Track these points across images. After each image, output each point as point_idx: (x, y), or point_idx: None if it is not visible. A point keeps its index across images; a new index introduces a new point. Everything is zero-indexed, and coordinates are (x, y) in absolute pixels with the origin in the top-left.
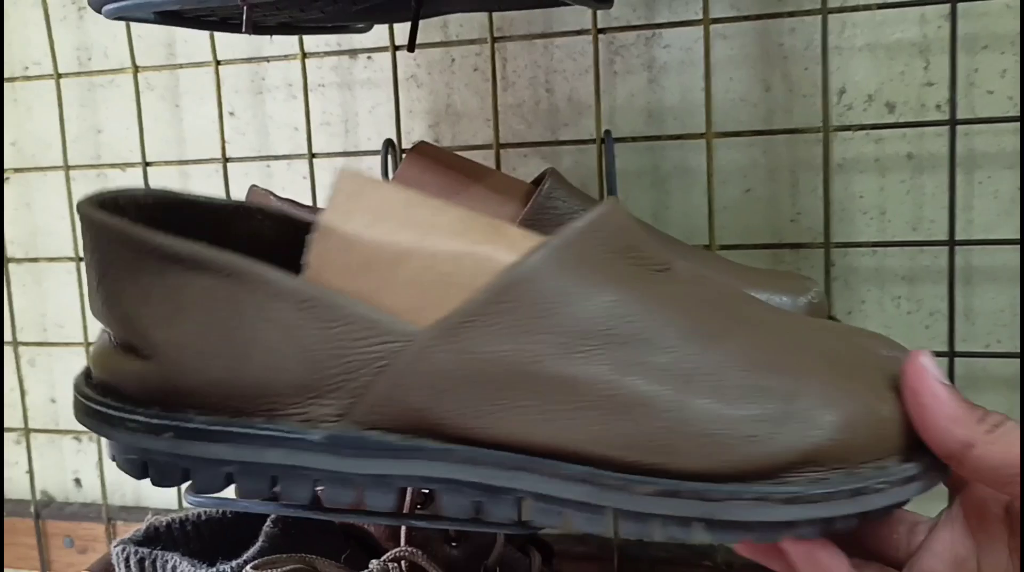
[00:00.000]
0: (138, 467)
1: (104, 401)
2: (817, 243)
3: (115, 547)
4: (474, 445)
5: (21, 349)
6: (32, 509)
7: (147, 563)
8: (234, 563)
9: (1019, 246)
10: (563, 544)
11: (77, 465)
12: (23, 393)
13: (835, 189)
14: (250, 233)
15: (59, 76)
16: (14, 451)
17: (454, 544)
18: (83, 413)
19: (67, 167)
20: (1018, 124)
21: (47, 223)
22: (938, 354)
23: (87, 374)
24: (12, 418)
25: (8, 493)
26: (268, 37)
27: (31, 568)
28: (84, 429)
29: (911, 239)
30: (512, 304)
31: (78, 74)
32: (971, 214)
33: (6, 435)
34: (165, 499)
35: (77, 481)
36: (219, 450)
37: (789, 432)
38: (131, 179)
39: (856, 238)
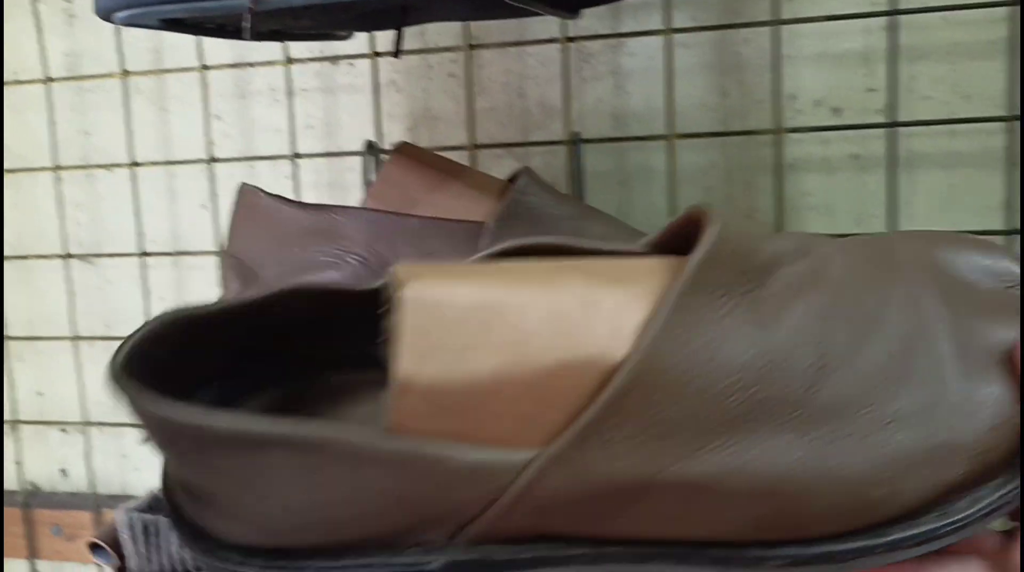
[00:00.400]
0: None
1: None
2: None
3: (119, 514)
4: (598, 545)
5: (10, 344)
6: (20, 499)
7: (151, 528)
8: None
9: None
10: None
11: (63, 456)
12: (12, 386)
13: (787, 187)
14: (284, 321)
15: (49, 80)
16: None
17: None
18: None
19: (56, 168)
20: (951, 127)
21: (35, 223)
22: None
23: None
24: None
25: None
26: (258, 43)
27: (19, 556)
28: (71, 421)
29: (855, 232)
30: (627, 412)
31: (68, 79)
32: (910, 210)
33: None
34: (151, 486)
35: (63, 471)
36: None
37: (912, 480)
38: (119, 179)
39: (806, 232)
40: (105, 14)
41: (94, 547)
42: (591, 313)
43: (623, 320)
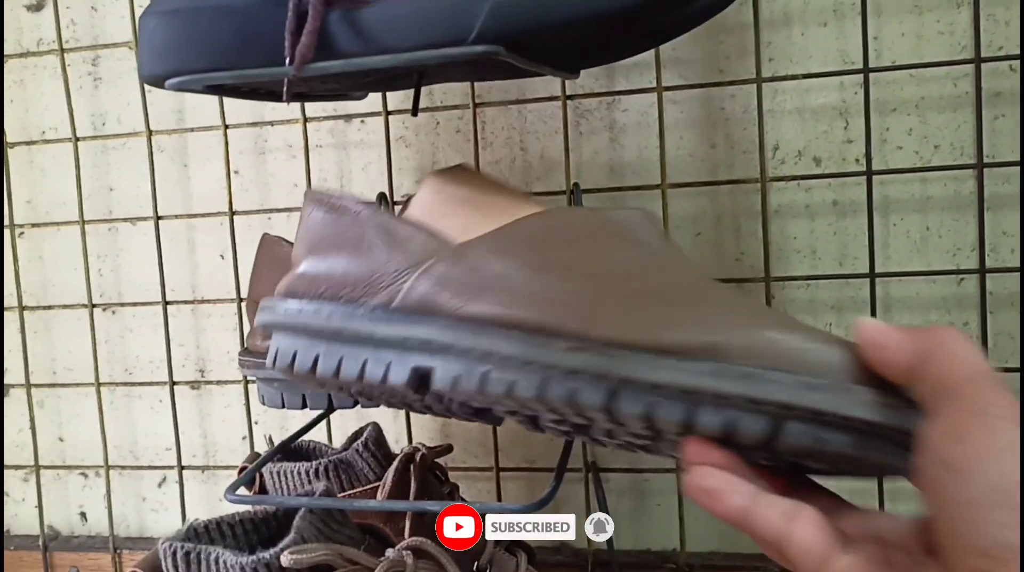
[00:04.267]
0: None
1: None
2: (758, 278)
3: (161, 544)
4: (459, 319)
5: (32, 391)
6: (40, 543)
7: (192, 556)
8: (272, 551)
9: (932, 278)
10: (542, 554)
11: (83, 500)
12: (33, 432)
13: (772, 232)
14: None
15: (77, 139)
16: (22, 488)
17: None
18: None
19: (83, 222)
20: (923, 174)
21: (59, 274)
22: None
23: None
24: (21, 457)
25: (16, 529)
26: (276, 103)
27: None
28: (91, 464)
29: (838, 273)
30: (521, 235)
31: (94, 138)
32: (888, 251)
33: (14, 473)
34: (169, 527)
35: (83, 515)
36: (303, 321)
37: (694, 330)
38: (141, 232)
39: (792, 273)
40: (153, 80)
41: None
42: (529, 202)
43: (534, 209)
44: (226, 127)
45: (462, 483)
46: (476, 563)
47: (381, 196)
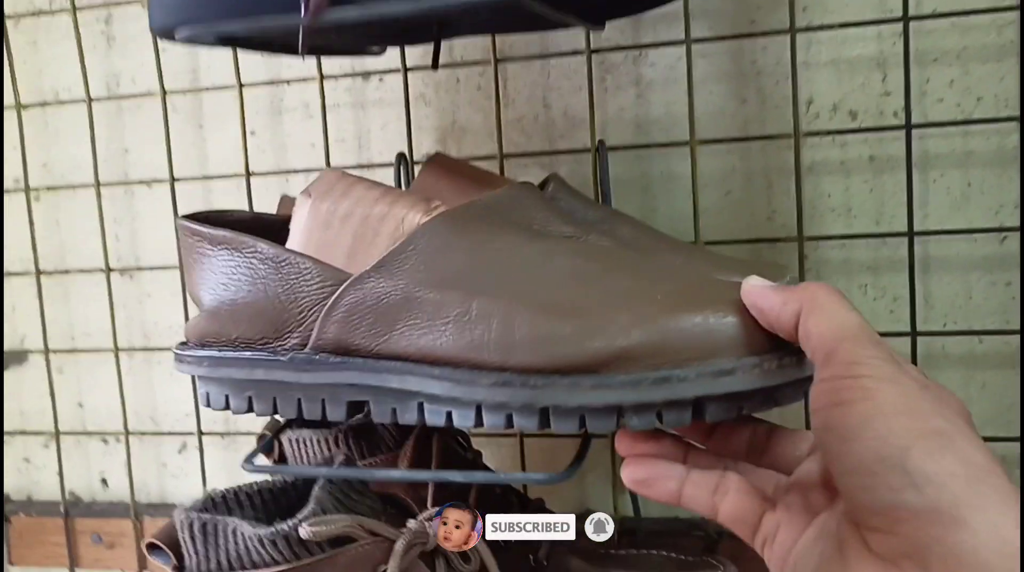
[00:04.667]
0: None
1: (177, 351)
2: (791, 238)
3: (178, 515)
4: (380, 358)
5: (51, 357)
6: (61, 508)
7: (209, 527)
8: (290, 522)
9: (973, 236)
10: None
11: (104, 466)
12: (53, 398)
13: (806, 190)
14: None
15: (91, 101)
16: (43, 454)
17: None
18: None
19: (98, 185)
20: (965, 127)
21: (75, 238)
22: (901, 335)
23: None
24: (42, 423)
25: (37, 495)
26: (292, 61)
27: (60, 565)
28: (111, 431)
29: (875, 232)
30: (411, 252)
31: (108, 99)
32: (926, 209)
33: (35, 439)
34: (189, 494)
35: (104, 481)
36: (228, 371)
37: (604, 335)
38: (156, 195)
39: (826, 233)
40: (163, 31)
41: (152, 547)
42: (421, 201)
43: (434, 212)
44: (241, 86)
45: (484, 449)
46: None
47: (400, 156)
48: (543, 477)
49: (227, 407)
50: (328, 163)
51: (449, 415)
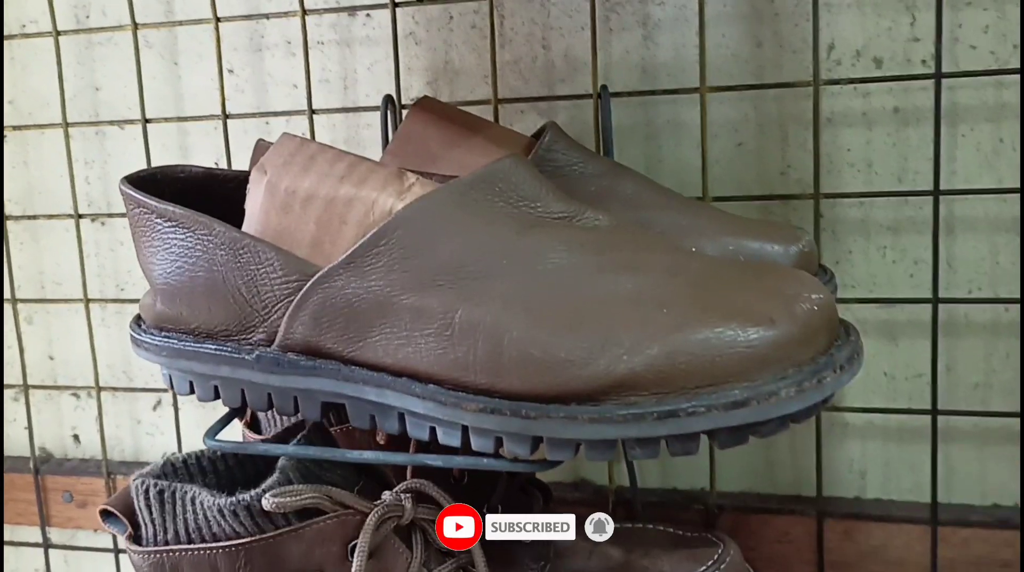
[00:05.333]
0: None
1: (134, 328)
2: (807, 195)
3: (134, 480)
4: (354, 365)
5: (19, 306)
6: (31, 465)
7: (166, 495)
8: (253, 492)
9: (1003, 196)
10: (560, 491)
11: (75, 421)
12: (21, 350)
13: (824, 142)
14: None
15: (58, 34)
16: (12, 408)
17: (455, 481)
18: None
19: (66, 125)
20: (999, 78)
21: (45, 181)
22: (921, 301)
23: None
24: (10, 375)
25: (7, 450)
26: None
27: (31, 523)
28: (83, 385)
29: (897, 190)
30: (385, 246)
31: (76, 31)
32: (954, 166)
33: (5, 392)
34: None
35: (75, 437)
36: (189, 365)
37: (604, 359)
38: (130, 136)
39: (844, 190)
40: None
41: (106, 514)
42: (397, 178)
43: (413, 192)
44: (217, 20)
45: None
46: (486, 504)
47: (387, 99)
48: (533, 465)
49: (191, 392)
50: (310, 105)
51: (433, 430)
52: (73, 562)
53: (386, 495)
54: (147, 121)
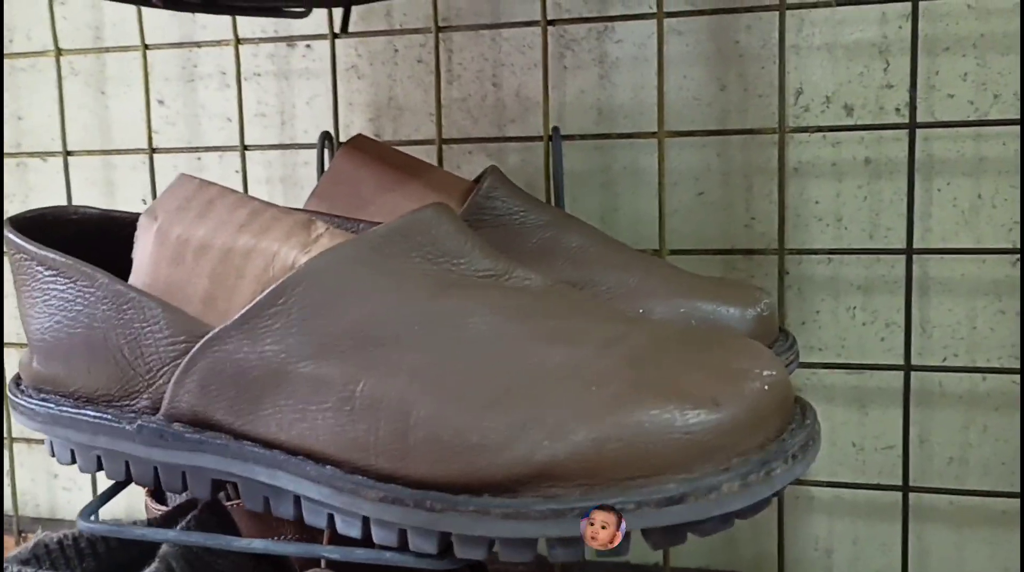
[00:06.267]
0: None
1: (12, 389)
2: (771, 250)
3: (5, 565)
4: (246, 440)
5: None
6: None
7: None
8: None
9: (982, 257)
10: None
11: None
12: None
13: (790, 194)
14: None
15: None
16: None
17: None
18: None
19: None
20: (978, 130)
21: None
22: (893, 368)
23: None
24: None
25: None
26: (208, 19)
27: None
28: None
29: (868, 247)
30: (283, 306)
31: None
32: (929, 222)
33: None
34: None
35: None
36: (66, 433)
37: (523, 443)
38: (54, 169)
39: (811, 245)
40: None
41: None
42: (303, 228)
43: (320, 245)
44: (146, 47)
45: None
46: None
47: (324, 135)
48: (442, 562)
49: (73, 461)
50: (243, 140)
51: (331, 518)
52: None
53: None
54: (68, 153)
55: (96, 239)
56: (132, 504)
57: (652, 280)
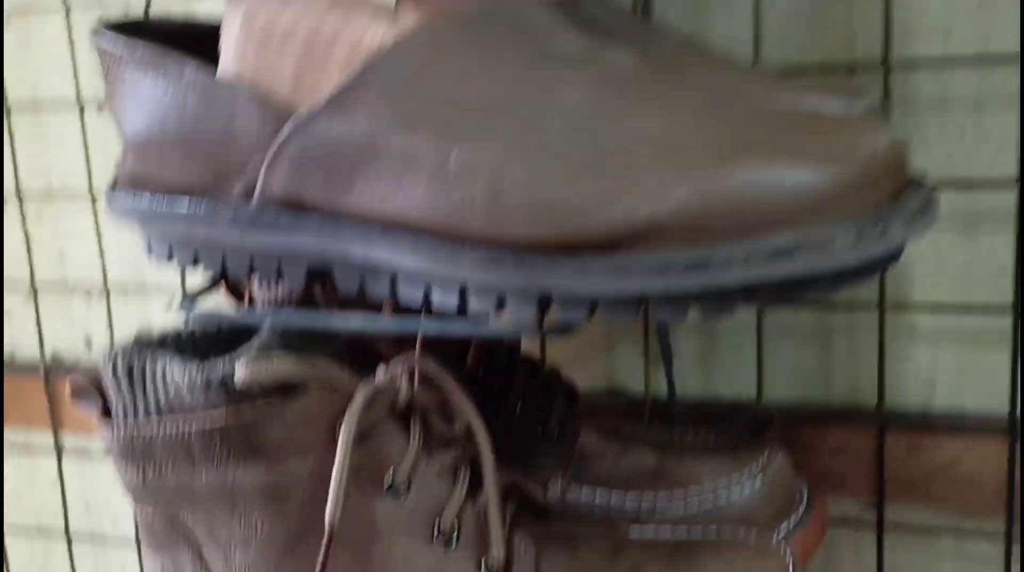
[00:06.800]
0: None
1: (108, 191)
2: (873, 65)
3: (102, 355)
4: (341, 218)
5: (27, 206)
6: (42, 370)
7: (135, 368)
8: (225, 361)
9: None
10: (589, 399)
11: (87, 324)
12: (29, 251)
13: (896, 3)
14: None
15: None
16: (23, 310)
17: (469, 374)
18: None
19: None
20: None
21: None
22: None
23: None
24: (19, 274)
25: (17, 353)
26: None
27: (43, 427)
28: (94, 285)
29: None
30: (373, 82)
31: None
32: None
33: (15, 294)
34: None
35: (87, 341)
36: (163, 227)
37: (623, 203)
38: None
39: (919, 56)
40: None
41: (76, 393)
42: (385, 9)
43: (403, 24)
44: None
45: None
46: (502, 401)
47: None
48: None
49: (171, 257)
50: None
51: (427, 292)
52: (87, 465)
53: (379, 372)
54: None
55: (180, 48)
56: None
57: (751, 81)
